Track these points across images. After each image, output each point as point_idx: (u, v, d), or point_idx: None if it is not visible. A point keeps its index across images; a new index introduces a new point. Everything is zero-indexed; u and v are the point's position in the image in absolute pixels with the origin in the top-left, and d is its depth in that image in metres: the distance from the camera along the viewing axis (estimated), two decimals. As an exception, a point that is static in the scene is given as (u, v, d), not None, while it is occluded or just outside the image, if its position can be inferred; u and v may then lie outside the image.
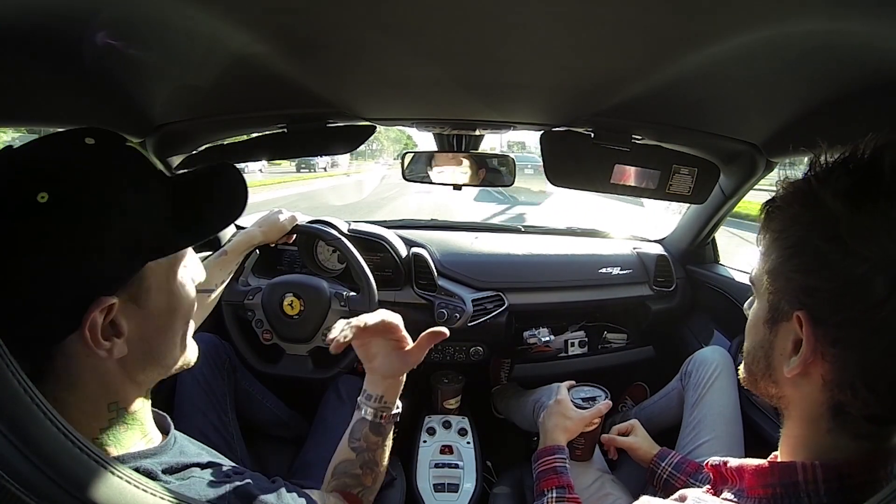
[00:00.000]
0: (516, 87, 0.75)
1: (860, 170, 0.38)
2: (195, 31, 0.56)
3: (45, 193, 0.39)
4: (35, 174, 0.40)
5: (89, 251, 0.41)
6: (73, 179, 0.41)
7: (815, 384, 0.41)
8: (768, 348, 0.45)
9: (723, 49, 0.54)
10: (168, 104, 0.84)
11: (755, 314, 0.47)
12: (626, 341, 1.49)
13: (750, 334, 0.48)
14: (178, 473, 0.45)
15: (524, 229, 1.65)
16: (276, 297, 1.15)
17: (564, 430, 0.94)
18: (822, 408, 0.41)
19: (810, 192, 0.40)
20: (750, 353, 0.48)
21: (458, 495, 1.16)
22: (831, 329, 0.39)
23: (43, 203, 0.39)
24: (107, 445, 0.44)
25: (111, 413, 0.45)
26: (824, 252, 0.38)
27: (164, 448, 0.48)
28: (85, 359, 0.43)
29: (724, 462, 0.50)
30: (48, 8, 0.47)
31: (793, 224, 0.41)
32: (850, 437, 0.41)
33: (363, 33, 0.55)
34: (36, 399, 0.32)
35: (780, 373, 0.43)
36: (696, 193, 0.94)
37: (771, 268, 0.44)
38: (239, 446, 1.04)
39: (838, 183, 0.39)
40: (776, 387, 0.45)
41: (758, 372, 0.46)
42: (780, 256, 0.42)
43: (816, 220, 0.39)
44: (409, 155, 1.18)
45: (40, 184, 0.39)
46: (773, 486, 0.43)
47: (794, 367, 0.41)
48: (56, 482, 0.31)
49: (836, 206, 0.38)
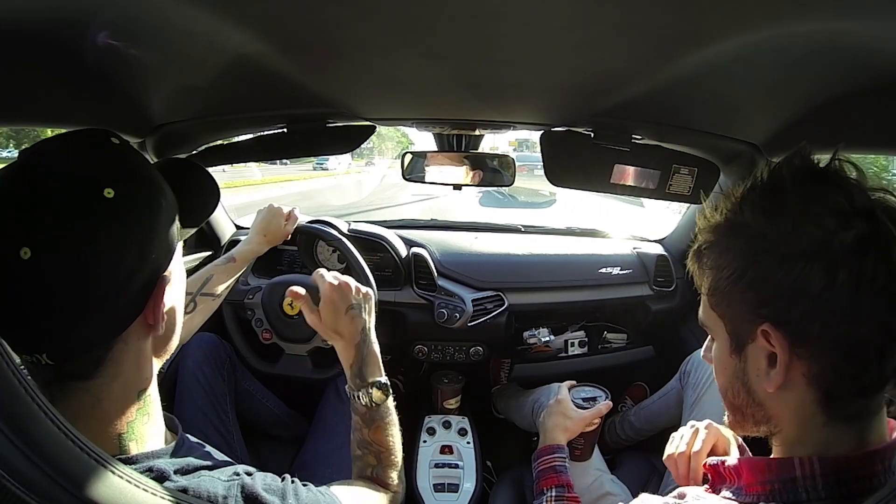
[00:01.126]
0: (516, 87, 0.75)
1: (766, 187, 0.43)
2: (195, 31, 0.56)
3: (110, 189, 0.41)
4: (93, 172, 0.42)
5: (151, 237, 0.44)
6: (129, 173, 0.44)
7: (800, 385, 0.42)
8: (742, 376, 0.46)
9: (723, 49, 0.54)
10: (168, 104, 0.84)
11: (719, 351, 0.48)
12: (625, 341, 1.49)
13: (720, 374, 0.49)
14: (189, 475, 0.45)
15: (524, 229, 1.65)
16: (276, 296, 1.15)
17: (564, 430, 0.95)
18: (813, 405, 0.42)
19: (730, 223, 0.45)
20: (728, 390, 0.48)
21: (458, 495, 1.16)
22: (797, 327, 0.40)
23: (109, 198, 0.41)
24: (129, 441, 0.45)
25: (139, 402, 0.47)
26: (764, 264, 0.41)
27: (176, 448, 0.49)
28: (136, 342, 0.46)
29: (721, 461, 0.50)
30: (48, 8, 0.47)
31: (725, 255, 0.45)
32: (843, 423, 0.42)
33: (363, 33, 0.55)
34: (36, 399, 0.32)
35: (761, 393, 0.44)
36: (696, 193, 0.94)
37: (717, 302, 0.46)
38: (239, 446, 1.04)
39: (752, 204, 0.43)
40: (762, 409, 0.45)
41: (741, 403, 0.47)
42: (727, 285, 0.44)
43: (746, 242, 0.43)
44: (409, 155, 1.18)
45: (102, 181, 0.41)
46: (770, 483, 0.43)
47: (777, 378, 0.42)
48: (56, 481, 0.31)
49: (758, 224, 0.42)
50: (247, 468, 0.50)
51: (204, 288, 0.92)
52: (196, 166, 0.58)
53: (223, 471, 0.48)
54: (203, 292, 0.91)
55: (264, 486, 0.48)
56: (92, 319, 0.41)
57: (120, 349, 0.44)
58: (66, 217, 0.40)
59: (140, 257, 0.43)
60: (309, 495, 0.52)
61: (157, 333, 0.47)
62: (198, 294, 0.91)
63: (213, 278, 0.93)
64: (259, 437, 1.18)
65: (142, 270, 0.43)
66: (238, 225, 1.49)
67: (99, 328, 0.43)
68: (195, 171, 0.57)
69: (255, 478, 0.49)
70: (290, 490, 0.50)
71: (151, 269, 0.45)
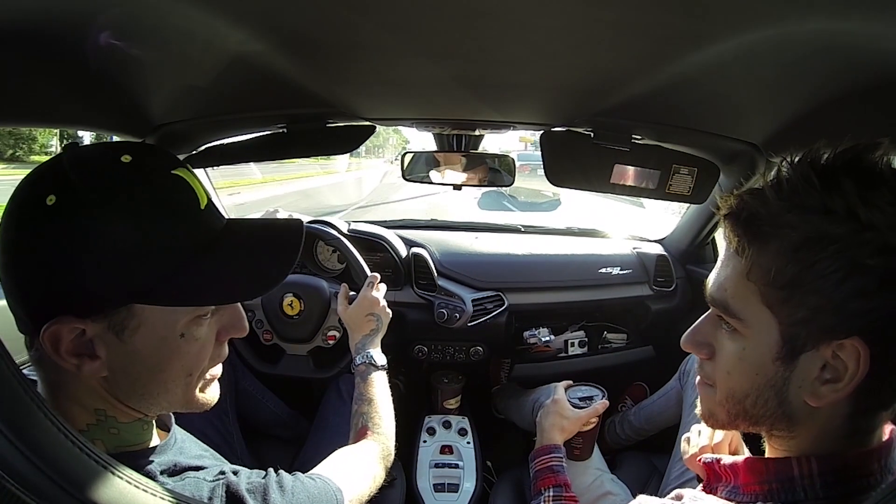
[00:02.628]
0: (516, 86, 0.75)
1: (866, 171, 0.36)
2: (195, 31, 0.56)
3: (53, 196, 0.39)
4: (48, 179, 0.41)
5: (67, 268, 0.39)
6: (78, 190, 0.40)
7: (844, 399, 0.38)
8: (781, 385, 0.40)
9: (723, 49, 0.54)
10: (168, 104, 0.84)
11: (753, 354, 0.41)
12: (625, 341, 1.49)
13: (744, 378, 0.42)
14: (175, 476, 0.45)
15: (524, 229, 1.65)
16: (276, 297, 1.15)
17: (561, 430, 0.95)
18: (842, 419, 0.39)
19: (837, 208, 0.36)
20: (749, 397, 0.42)
21: (458, 495, 1.16)
22: (887, 346, 0.35)
23: (50, 206, 0.39)
24: (94, 439, 0.44)
25: (98, 416, 0.45)
26: (880, 270, 0.35)
27: (164, 447, 0.48)
28: (53, 363, 0.42)
29: (717, 459, 0.50)
30: (48, 8, 0.47)
31: (821, 241, 0.36)
32: (861, 434, 0.40)
33: (363, 33, 0.55)
34: (36, 399, 0.32)
35: (796, 405, 0.40)
36: (695, 193, 0.94)
37: (787, 298, 0.38)
38: (239, 446, 1.05)
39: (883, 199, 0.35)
40: (785, 420, 0.41)
41: (760, 413, 0.42)
42: (820, 285, 0.36)
43: (851, 232, 0.35)
44: (409, 155, 1.18)
45: (48, 188, 0.40)
46: (768, 482, 0.43)
47: (834, 395, 0.37)
48: (56, 482, 0.31)
49: (874, 217, 0.35)
50: (234, 467, 0.50)
51: None
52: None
53: (209, 471, 0.47)
54: None
55: (248, 484, 0.48)
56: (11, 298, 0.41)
57: (42, 354, 0.41)
58: None
59: (47, 279, 0.39)
60: (296, 484, 0.52)
61: (67, 369, 0.41)
62: None
63: None
64: (259, 437, 1.18)
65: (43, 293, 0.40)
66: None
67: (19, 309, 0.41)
68: None
69: (241, 476, 0.49)
70: (274, 484, 0.50)
71: (56, 301, 0.40)
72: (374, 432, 0.77)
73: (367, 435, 0.76)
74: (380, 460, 0.73)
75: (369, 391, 0.83)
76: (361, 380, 0.86)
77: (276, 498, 0.49)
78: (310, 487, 0.53)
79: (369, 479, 0.67)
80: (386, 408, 0.83)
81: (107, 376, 0.43)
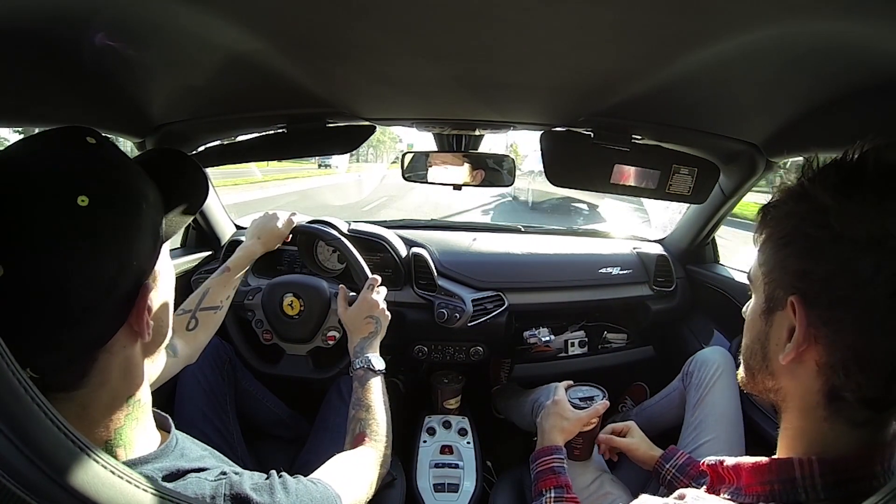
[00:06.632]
0: (516, 87, 0.75)
1: (847, 168, 0.42)
2: (195, 31, 0.56)
3: (84, 197, 0.39)
4: (65, 179, 0.39)
5: (130, 245, 0.42)
6: (104, 179, 0.41)
7: (810, 370, 0.42)
8: (764, 340, 0.46)
9: (723, 49, 0.54)
10: (168, 104, 0.84)
11: (753, 309, 0.49)
12: (626, 341, 1.49)
13: (748, 330, 0.50)
14: (177, 480, 0.45)
15: (524, 229, 1.65)
16: (276, 297, 1.15)
17: (561, 431, 0.95)
18: (818, 395, 0.42)
19: (801, 190, 0.44)
20: (748, 348, 0.49)
21: (458, 495, 1.16)
22: (823, 311, 0.40)
23: (84, 206, 0.39)
24: (117, 447, 0.45)
25: (128, 408, 0.46)
26: (815, 238, 0.41)
27: (164, 451, 0.48)
28: (121, 350, 0.45)
29: (720, 461, 0.50)
30: (48, 8, 0.47)
31: (786, 218, 0.44)
32: (847, 426, 0.41)
33: (363, 33, 0.55)
34: (36, 399, 0.32)
35: (775, 363, 0.45)
36: (695, 193, 0.94)
37: (765, 260, 0.46)
38: (239, 446, 1.05)
39: (827, 180, 0.42)
40: (773, 378, 0.46)
41: (755, 366, 0.48)
42: (774, 247, 0.45)
43: (808, 211, 0.42)
44: (409, 155, 1.18)
45: (76, 189, 0.39)
46: (770, 483, 0.43)
47: (789, 353, 0.42)
48: (57, 482, 0.31)
49: (825, 199, 0.41)
50: (235, 468, 0.50)
51: (203, 303, 0.92)
52: (174, 152, 0.55)
53: (211, 472, 0.48)
54: (202, 307, 0.91)
55: (252, 484, 0.48)
56: (73, 333, 0.40)
57: (105, 359, 0.43)
58: (39, 231, 0.37)
59: (120, 267, 0.41)
60: (299, 486, 0.53)
61: (144, 340, 0.45)
62: (197, 310, 0.90)
63: (211, 291, 0.93)
64: (260, 437, 1.18)
65: (123, 280, 0.42)
66: (238, 225, 1.49)
67: (81, 342, 0.41)
68: (175, 156, 0.54)
69: (243, 476, 0.49)
70: (278, 485, 0.50)
71: (134, 277, 0.43)
72: (371, 439, 0.76)
73: (365, 441, 0.76)
74: (377, 467, 0.73)
75: (367, 397, 0.83)
76: (360, 385, 0.85)
77: (281, 498, 0.49)
78: (312, 491, 0.54)
79: (367, 485, 0.67)
80: (383, 414, 0.82)
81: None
